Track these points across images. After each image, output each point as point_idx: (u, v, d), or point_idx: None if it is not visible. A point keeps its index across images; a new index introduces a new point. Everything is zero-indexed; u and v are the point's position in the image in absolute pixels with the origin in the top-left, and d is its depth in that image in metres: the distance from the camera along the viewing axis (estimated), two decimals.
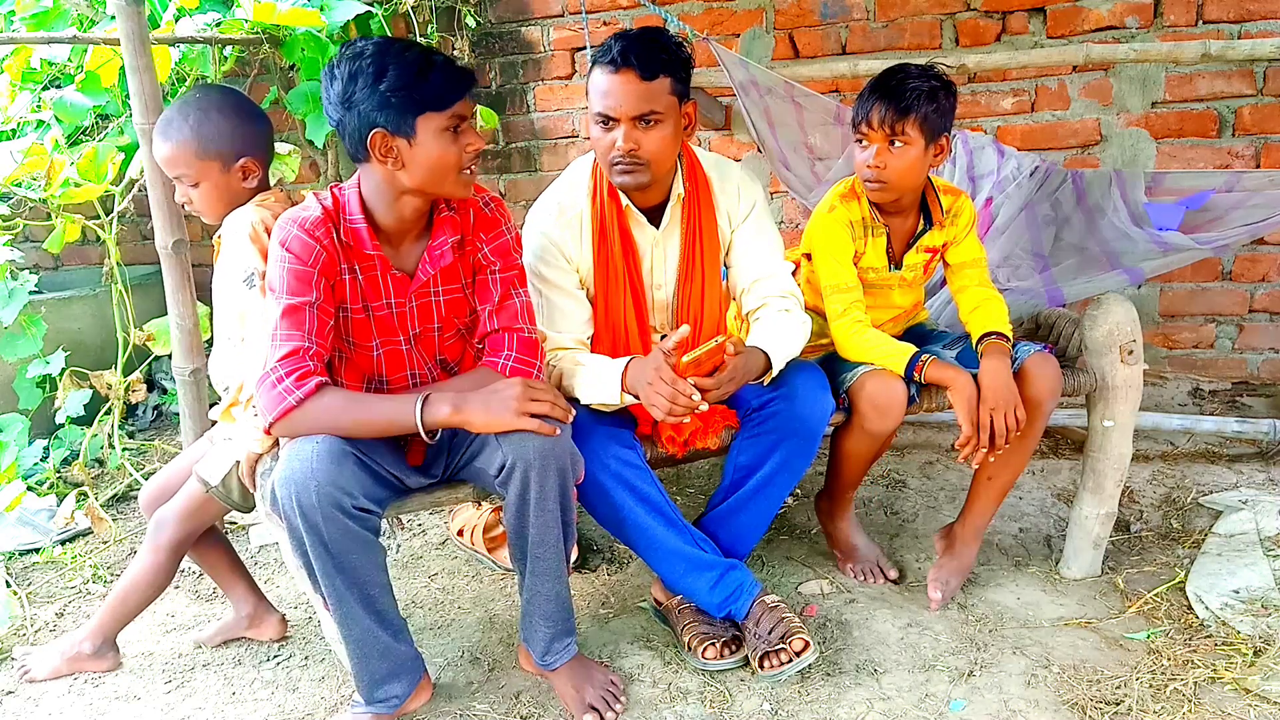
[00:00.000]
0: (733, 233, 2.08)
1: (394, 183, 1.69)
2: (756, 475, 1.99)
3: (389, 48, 1.62)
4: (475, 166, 1.73)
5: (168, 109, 1.94)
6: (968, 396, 1.95)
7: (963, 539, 2.19)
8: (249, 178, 1.92)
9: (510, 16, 3.81)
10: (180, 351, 2.46)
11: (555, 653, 1.86)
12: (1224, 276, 3.21)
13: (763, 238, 2.08)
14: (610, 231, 1.98)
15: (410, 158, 1.65)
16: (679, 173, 2.01)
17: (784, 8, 3.45)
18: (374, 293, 1.77)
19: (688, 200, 2.02)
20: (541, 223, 2.01)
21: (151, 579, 2.02)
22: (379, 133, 1.63)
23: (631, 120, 1.85)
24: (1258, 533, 2.32)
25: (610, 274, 2.00)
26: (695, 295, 2.05)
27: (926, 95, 1.94)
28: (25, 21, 3.04)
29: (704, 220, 2.03)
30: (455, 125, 1.66)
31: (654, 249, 2.04)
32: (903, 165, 1.98)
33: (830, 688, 1.88)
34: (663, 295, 2.08)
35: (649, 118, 1.86)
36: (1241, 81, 3.02)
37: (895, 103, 1.94)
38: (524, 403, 1.65)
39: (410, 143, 1.64)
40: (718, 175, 2.07)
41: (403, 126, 1.63)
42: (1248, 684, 1.80)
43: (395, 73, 1.60)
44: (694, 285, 2.04)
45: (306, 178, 3.99)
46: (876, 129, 1.97)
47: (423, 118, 1.63)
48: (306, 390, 1.64)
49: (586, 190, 2.01)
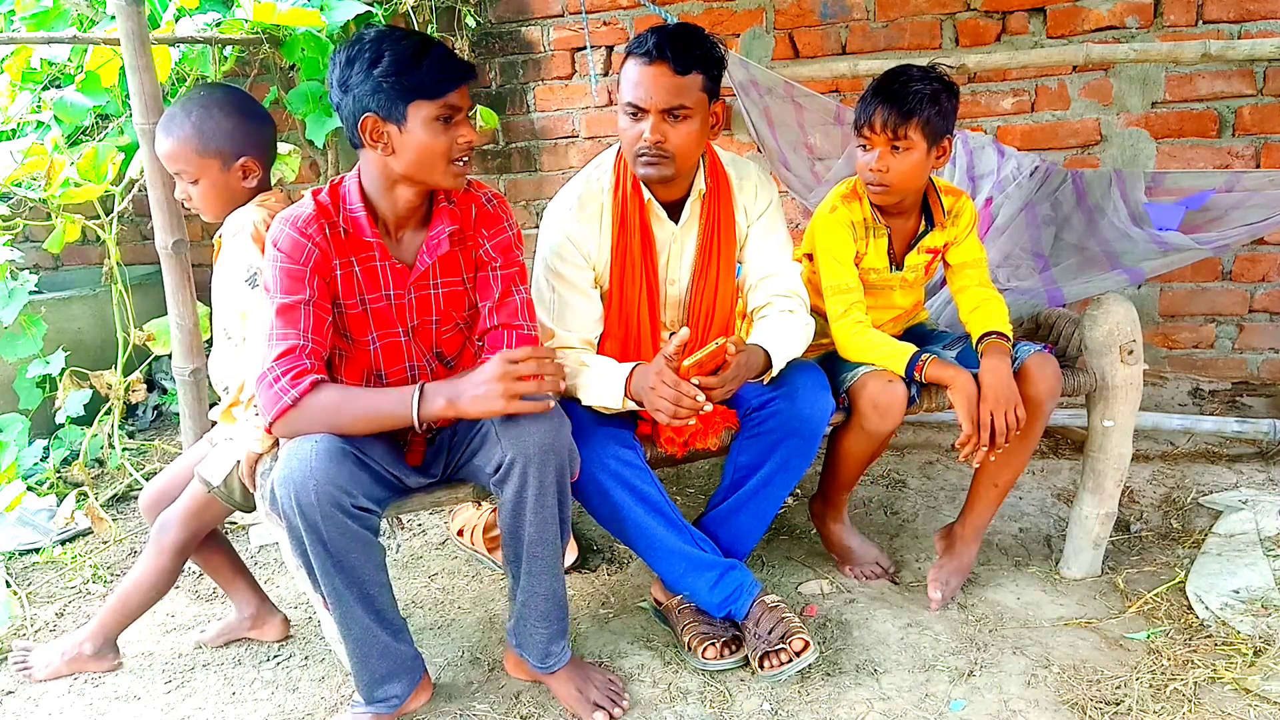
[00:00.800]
0: (748, 229, 2.09)
1: (386, 170, 1.70)
2: (756, 475, 1.99)
3: (389, 35, 1.64)
4: (468, 158, 1.73)
5: (172, 105, 1.95)
6: (968, 395, 1.95)
7: (963, 539, 2.19)
8: (249, 177, 1.92)
9: (510, 16, 3.81)
10: (180, 351, 2.46)
11: (553, 655, 1.86)
12: (1224, 276, 3.21)
13: (774, 236, 2.09)
14: (631, 224, 1.99)
15: (400, 144, 1.66)
16: (701, 170, 2.02)
17: (784, 8, 3.46)
18: (372, 284, 1.77)
19: (708, 197, 2.03)
20: (561, 218, 2.01)
21: (154, 581, 2.02)
22: (370, 117, 1.64)
23: (661, 113, 1.86)
24: (1258, 533, 2.32)
25: (627, 267, 2.00)
26: (709, 292, 2.06)
27: (929, 98, 1.94)
28: (25, 21, 3.04)
29: (722, 217, 2.05)
30: (447, 116, 1.66)
31: (672, 244, 2.05)
32: (905, 168, 1.98)
33: (830, 688, 1.88)
34: (676, 291, 2.09)
35: (678, 111, 1.86)
36: (1241, 81, 3.02)
37: (898, 106, 1.94)
38: (507, 381, 1.62)
39: (400, 129, 1.65)
40: (736, 173, 2.08)
41: (394, 112, 1.63)
42: (1248, 684, 1.80)
43: (390, 58, 1.61)
44: (708, 282, 2.05)
45: (307, 178, 3.99)
46: (879, 132, 1.97)
47: (413, 105, 1.63)
48: (302, 389, 1.64)
49: (610, 182, 2.02)
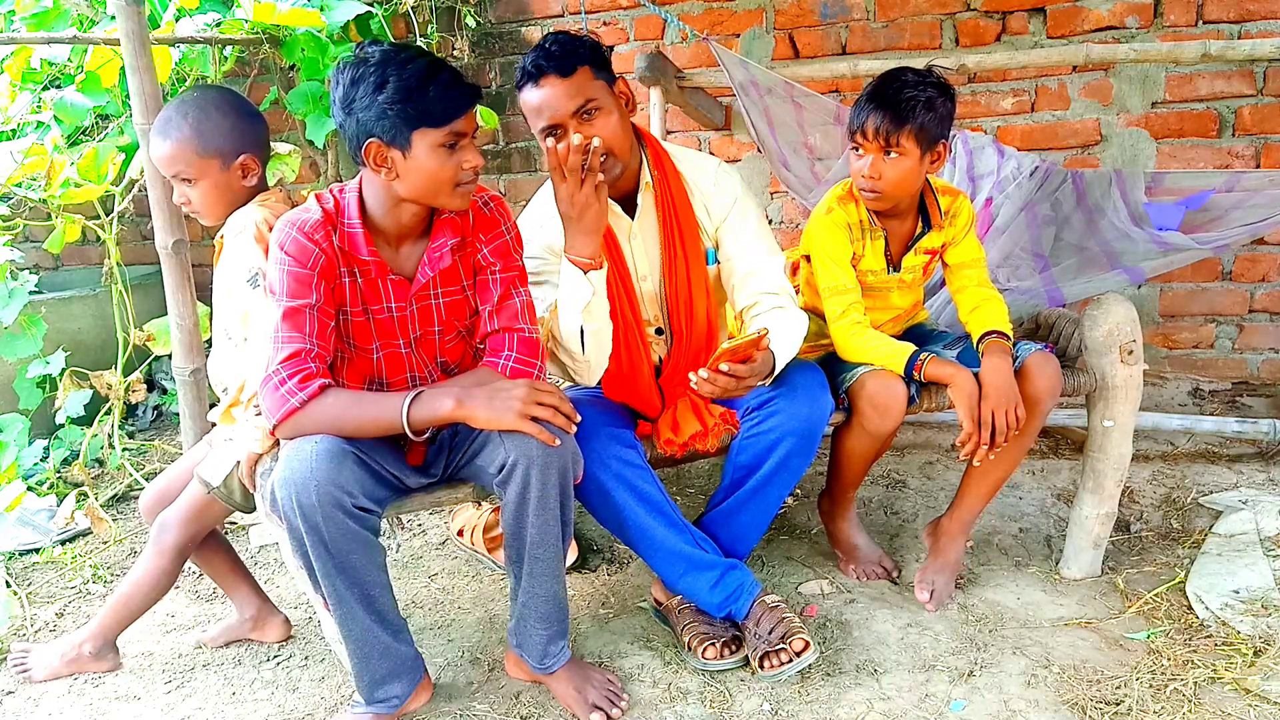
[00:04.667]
0: (715, 228, 2.07)
1: (390, 191, 1.69)
2: (756, 475, 1.99)
3: (394, 58, 1.61)
4: (473, 181, 1.71)
5: (164, 109, 1.94)
6: (968, 394, 1.95)
7: (949, 533, 2.19)
8: (248, 175, 1.92)
9: (510, 17, 3.81)
10: (180, 351, 2.46)
11: (552, 656, 1.86)
12: (1224, 276, 3.21)
13: (748, 231, 2.06)
14: None
15: (404, 170, 1.65)
16: (644, 161, 2.01)
17: (784, 8, 3.46)
18: (373, 296, 1.77)
19: (657, 187, 2.01)
20: (531, 231, 2.01)
21: (155, 582, 2.02)
22: (374, 143, 1.63)
23: (574, 118, 1.86)
24: (1258, 533, 2.32)
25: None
26: (682, 285, 2.04)
27: (923, 105, 1.92)
28: (25, 21, 3.04)
29: (679, 208, 2.03)
30: (452, 142, 1.65)
31: (631, 239, 2.04)
32: (898, 176, 1.98)
33: (830, 688, 1.88)
34: (650, 287, 2.08)
35: (588, 109, 1.86)
36: (1241, 81, 3.03)
37: (891, 113, 1.92)
38: (528, 405, 1.65)
39: (405, 155, 1.63)
40: (690, 165, 2.07)
41: (398, 139, 1.62)
42: (1248, 684, 1.80)
43: (395, 85, 1.59)
44: (679, 276, 2.03)
45: (307, 178, 3.99)
46: (871, 140, 1.96)
47: (418, 132, 1.62)
48: (310, 392, 1.64)
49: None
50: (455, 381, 1.81)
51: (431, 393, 1.69)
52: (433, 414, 1.67)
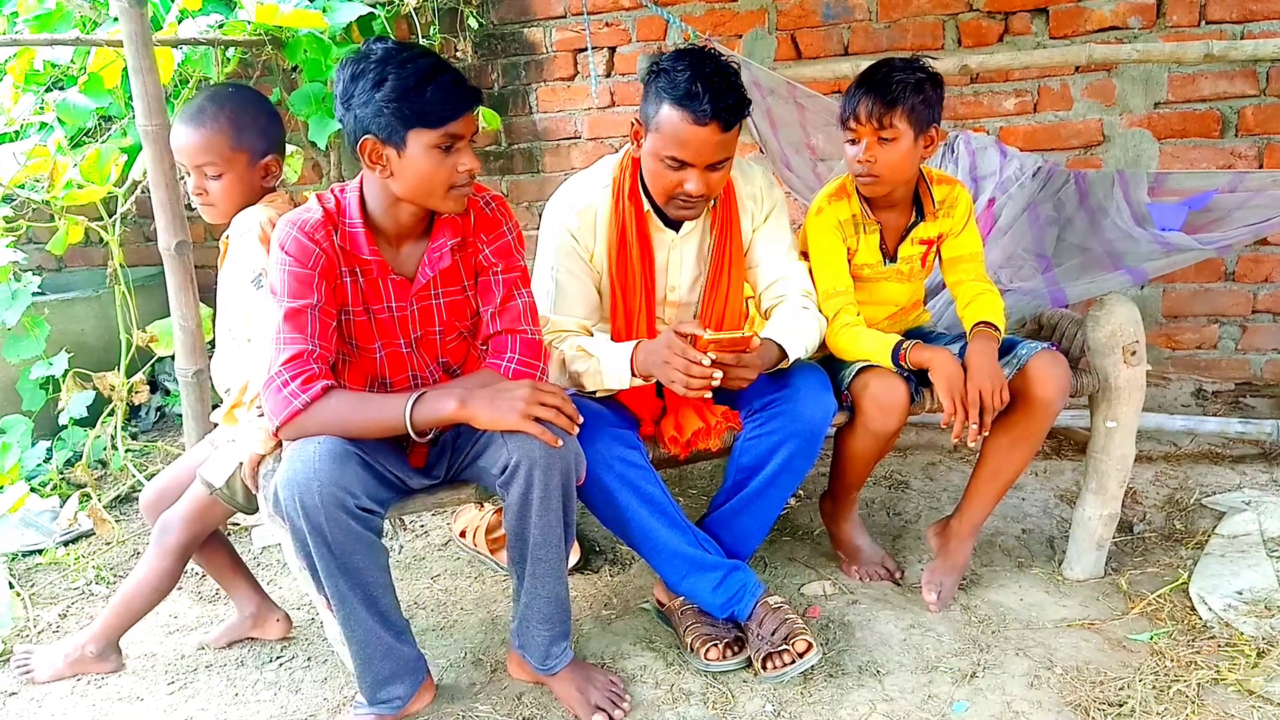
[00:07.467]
0: (754, 233, 2.10)
1: (386, 189, 1.70)
2: (759, 476, 1.99)
3: (395, 56, 1.61)
4: (468, 184, 1.71)
5: (198, 98, 1.92)
6: (948, 375, 1.95)
7: (958, 535, 2.18)
8: (269, 176, 1.93)
9: (513, 18, 3.81)
10: (183, 353, 2.47)
11: (554, 657, 1.86)
12: (1227, 277, 3.21)
13: (781, 239, 2.11)
14: (629, 233, 2.00)
15: (399, 169, 1.65)
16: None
17: (786, 9, 3.45)
18: (375, 296, 1.78)
19: (717, 206, 2.04)
20: (561, 214, 2.03)
21: (157, 582, 2.02)
22: (370, 139, 1.63)
23: (706, 168, 1.87)
24: (1261, 534, 2.31)
25: (629, 276, 2.01)
26: (720, 298, 2.07)
27: (913, 87, 1.96)
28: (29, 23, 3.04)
29: (732, 224, 2.06)
30: (448, 144, 1.64)
31: (670, 251, 2.05)
32: (893, 158, 1.99)
33: (833, 689, 1.88)
34: (676, 296, 2.10)
35: (722, 164, 1.89)
36: (1244, 82, 3.02)
37: (881, 95, 1.95)
38: (531, 405, 1.65)
39: (400, 154, 1.63)
40: (741, 176, 2.09)
41: (393, 137, 1.62)
42: (1251, 685, 1.80)
43: (393, 83, 1.59)
44: (720, 289, 2.07)
45: (309, 178, 3.99)
46: (864, 123, 1.98)
47: (414, 132, 1.62)
48: (313, 393, 1.64)
49: (609, 191, 2.02)
50: (458, 383, 1.81)
51: (434, 394, 1.69)
52: (435, 415, 1.67)
